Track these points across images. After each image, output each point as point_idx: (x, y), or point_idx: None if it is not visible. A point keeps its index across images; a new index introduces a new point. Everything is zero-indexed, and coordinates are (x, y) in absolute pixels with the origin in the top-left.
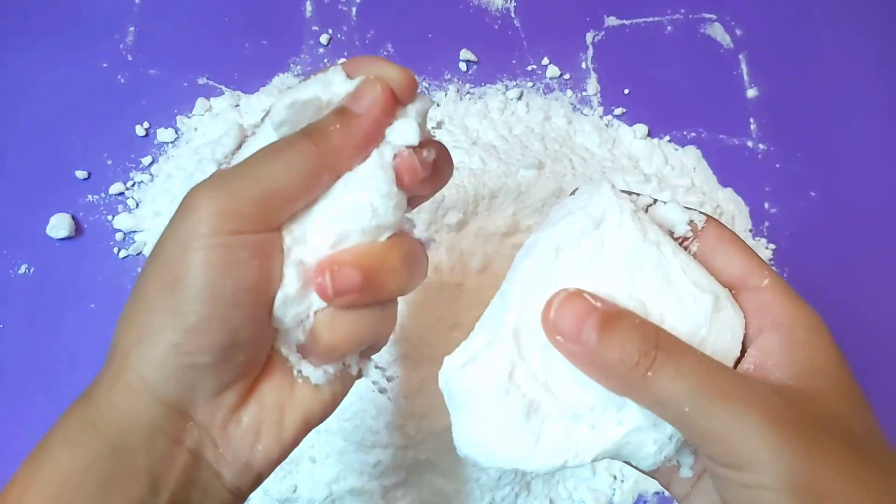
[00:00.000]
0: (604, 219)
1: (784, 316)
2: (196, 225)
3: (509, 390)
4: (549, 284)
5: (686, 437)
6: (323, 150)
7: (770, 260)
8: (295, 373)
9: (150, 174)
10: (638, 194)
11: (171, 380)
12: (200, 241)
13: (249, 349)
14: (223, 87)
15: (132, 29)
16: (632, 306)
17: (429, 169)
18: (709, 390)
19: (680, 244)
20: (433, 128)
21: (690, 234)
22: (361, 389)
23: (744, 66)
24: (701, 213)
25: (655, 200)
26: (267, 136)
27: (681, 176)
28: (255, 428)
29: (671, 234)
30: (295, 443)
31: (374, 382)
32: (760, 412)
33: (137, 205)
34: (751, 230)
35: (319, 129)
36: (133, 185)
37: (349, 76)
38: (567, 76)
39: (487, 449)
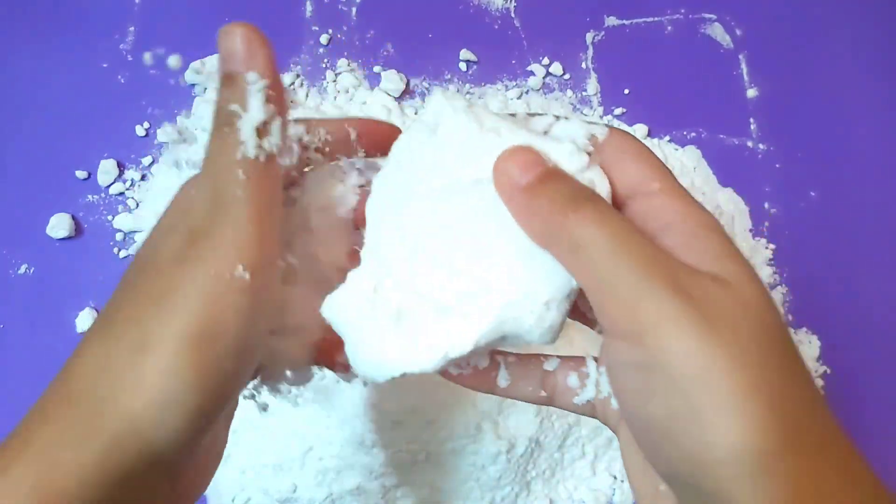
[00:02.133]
0: (438, 123)
1: (676, 215)
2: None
3: (375, 302)
4: (398, 196)
5: (587, 294)
6: None
7: (770, 260)
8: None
9: (151, 174)
10: (541, 114)
11: (182, 444)
12: (235, 288)
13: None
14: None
15: (132, 29)
16: None
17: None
18: (625, 246)
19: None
20: None
21: (592, 148)
22: (362, 390)
23: (744, 66)
24: (605, 125)
25: (558, 118)
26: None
27: (681, 176)
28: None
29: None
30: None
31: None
32: (670, 281)
33: (137, 205)
34: (751, 230)
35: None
36: (133, 185)
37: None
38: (567, 76)
39: (374, 363)
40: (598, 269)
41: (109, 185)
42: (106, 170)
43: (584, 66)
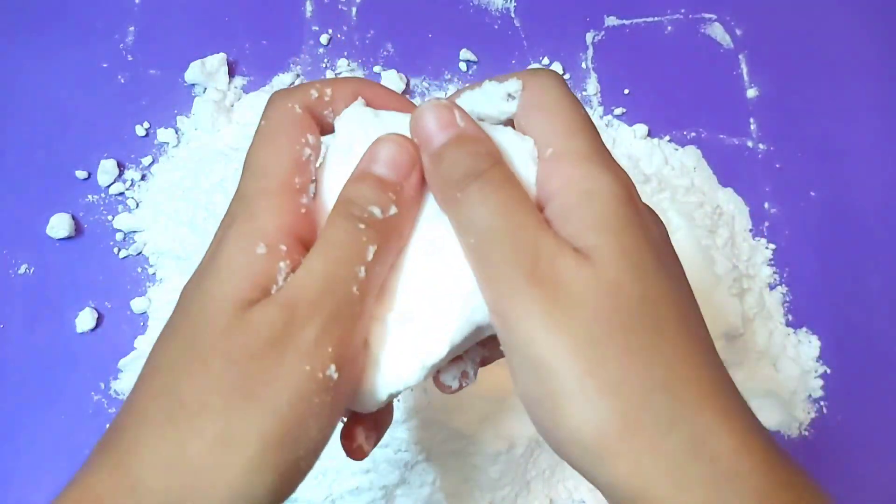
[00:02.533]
0: (353, 141)
1: (561, 183)
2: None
3: None
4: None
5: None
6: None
7: (770, 260)
8: None
9: (151, 174)
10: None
11: None
12: (323, 387)
13: None
14: (223, 88)
15: (132, 29)
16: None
17: None
18: (496, 232)
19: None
20: None
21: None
22: None
23: (744, 66)
24: (517, 79)
25: (472, 87)
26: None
27: (681, 176)
28: None
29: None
30: None
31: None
32: (529, 268)
33: (137, 205)
34: (751, 230)
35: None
36: (133, 185)
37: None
38: (567, 76)
39: (358, 395)
40: (473, 252)
41: (109, 185)
42: (106, 170)
43: (584, 66)
